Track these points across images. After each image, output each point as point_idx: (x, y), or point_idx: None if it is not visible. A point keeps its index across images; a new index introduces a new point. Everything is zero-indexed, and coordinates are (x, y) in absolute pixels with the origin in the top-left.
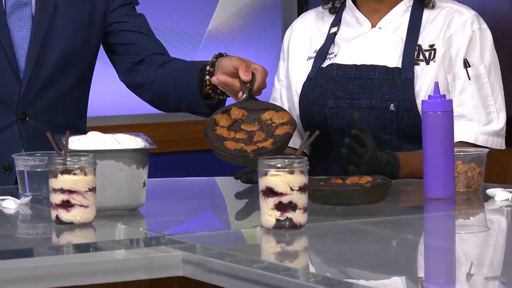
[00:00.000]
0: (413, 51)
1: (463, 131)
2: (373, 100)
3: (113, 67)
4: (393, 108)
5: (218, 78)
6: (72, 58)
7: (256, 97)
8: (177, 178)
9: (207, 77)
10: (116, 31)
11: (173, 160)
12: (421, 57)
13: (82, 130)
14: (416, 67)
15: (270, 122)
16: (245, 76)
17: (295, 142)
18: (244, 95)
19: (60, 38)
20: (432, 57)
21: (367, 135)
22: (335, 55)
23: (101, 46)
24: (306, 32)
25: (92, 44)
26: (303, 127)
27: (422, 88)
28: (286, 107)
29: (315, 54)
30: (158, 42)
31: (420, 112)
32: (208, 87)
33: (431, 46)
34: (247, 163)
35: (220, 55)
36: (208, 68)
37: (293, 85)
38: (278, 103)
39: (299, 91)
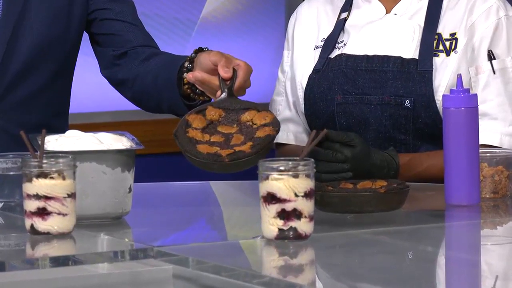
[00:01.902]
0: (432, 40)
1: (486, 133)
2: (386, 95)
3: (97, 60)
4: (408, 105)
5: (194, 75)
6: (47, 50)
7: (239, 97)
8: (167, 183)
9: (184, 74)
10: (98, 20)
11: (162, 162)
12: (441, 47)
13: (62, 131)
14: (435, 58)
15: (251, 123)
16: (224, 73)
17: (298, 138)
18: (223, 93)
19: (34, 27)
20: (453, 47)
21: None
22: (345, 44)
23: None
24: (313, 18)
25: (71, 33)
26: (309, 124)
27: (442, 83)
28: (291, 101)
29: (322, 43)
30: (145, 32)
31: (439, 109)
32: (186, 86)
33: (452, 35)
34: (222, 169)
35: (201, 49)
36: (186, 64)
37: (297, 78)
38: (283, 98)
39: (304, 84)
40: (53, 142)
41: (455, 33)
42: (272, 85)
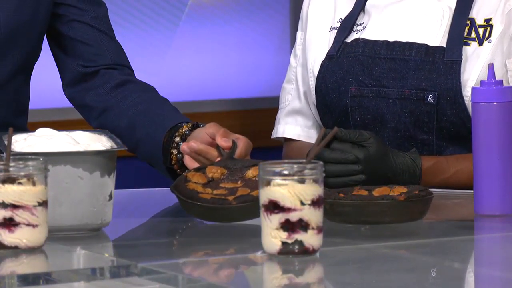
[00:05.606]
0: (463, 26)
1: None
2: (407, 88)
3: (59, 74)
4: (431, 100)
5: (190, 145)
6: (13, 38)
7: None
8: (153, 189)
9: (173, 150)
10: (67, 19)
11: (147, 165)
12: (473, 35)
13: (23, 130)
14: (465, 47)
15: (257, 178)
16: (224, 142)
17: (307, 133)
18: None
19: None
20: (487, 35)
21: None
22: (364, 27)
23: None
24: None
25: (39, 18)
26: (321, 118)
27: (471, 76)
28: (301, 90)
29: (339, 24)
30: (118, 45)
31: (468, 106)
32: (173, 161)
33: (487, 21)
34: (229, 215)
35: (196, 126)
36: (177, 140)
37: (309, 64)
38: (293, 86)
39: (316, 72)
40: (21, 142)
41: (490, 19)
42: (275, 76)
